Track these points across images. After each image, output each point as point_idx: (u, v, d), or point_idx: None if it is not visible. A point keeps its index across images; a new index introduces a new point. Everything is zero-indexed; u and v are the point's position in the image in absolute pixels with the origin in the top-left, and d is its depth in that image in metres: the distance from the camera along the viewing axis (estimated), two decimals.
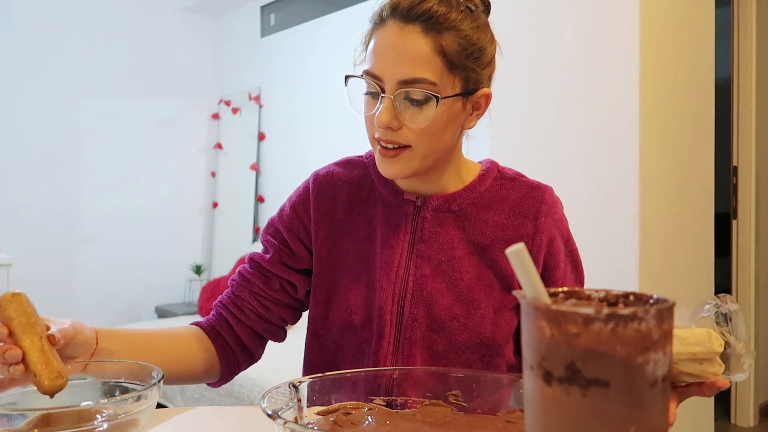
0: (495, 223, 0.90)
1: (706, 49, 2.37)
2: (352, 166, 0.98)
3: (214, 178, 4.76)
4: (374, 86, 0.83)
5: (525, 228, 0.90)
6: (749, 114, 2.94)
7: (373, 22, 0.85)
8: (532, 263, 0.42)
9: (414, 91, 0.80)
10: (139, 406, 0.62)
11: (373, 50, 0.83)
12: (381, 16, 0.84)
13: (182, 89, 4.62)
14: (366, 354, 0.89)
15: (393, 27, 0.81)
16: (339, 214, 0.95)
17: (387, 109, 0.81)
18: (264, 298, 0.96)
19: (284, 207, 0.99)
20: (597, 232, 2.08)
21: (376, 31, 0.84)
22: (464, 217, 0.91)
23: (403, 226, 0.91)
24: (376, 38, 0.83)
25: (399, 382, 0.71)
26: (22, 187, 3.91)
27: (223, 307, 0.97)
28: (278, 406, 0.58)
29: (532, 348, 0.39)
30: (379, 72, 0.81)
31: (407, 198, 0.92)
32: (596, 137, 2.09)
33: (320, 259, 0.94)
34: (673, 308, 0.38)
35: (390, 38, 0.81)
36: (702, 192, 2.37)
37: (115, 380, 0.72)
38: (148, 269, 4.37)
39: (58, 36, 4.04)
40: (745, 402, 2.99)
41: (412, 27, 0.80)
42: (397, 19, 0.81)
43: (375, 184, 0.95)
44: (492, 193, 0.92)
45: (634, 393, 0.36)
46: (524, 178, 0.95)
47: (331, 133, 3.81)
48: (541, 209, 0.90)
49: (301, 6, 4.12)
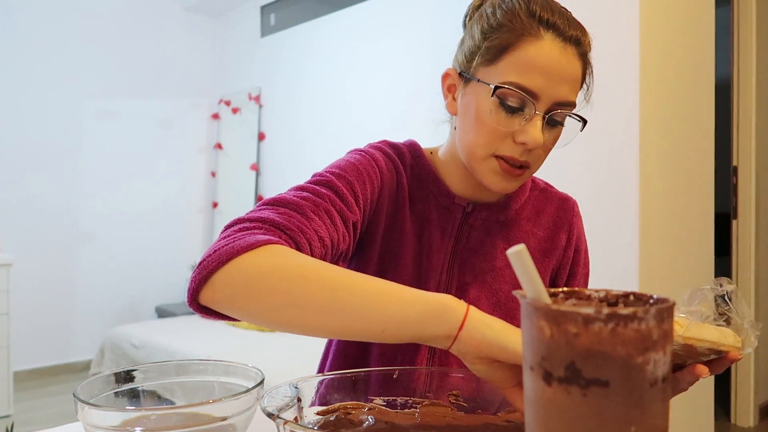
0: (536, 235, 0.92)
1: (706, 49, 2.37)
2: (400, 154, 0.91)
3: (214, 178, 4.76)
4: (520, 101, 0.77)
5: (560, 240, 0.93)
6: (749, 114, 2.94)
7: (512, 29, 0.77)
8: (532, 264, 0.42)
9: (563, 113, 0.79)
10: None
11: (529, 64, 0.76)
12: (531, 26, 0.77)
13: (182, 89, 4.62)
14: (398, 354, 0.86)
15: (554, 44, 0.76)
16: (393, 206, 0.88)
17: (541, 128, 0.77)
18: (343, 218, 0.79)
19: (357, 170, 0.82)
20: (597, 232, 2.08)
21: (525, 40, 0.76)
22: (510, 227, 0.91)
23: (450, 230, 0.89)
24: (530, 51, 0.76)
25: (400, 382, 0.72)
26: (22, 187, 3.91)
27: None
28: (278, 406, 0.58)
29: (532, 348, 0.39)
30: (538, 89, 0.76)
31: (458, 203, 0.89)
32: (596, 137, 2.10)
33: (372, 242, 0.86)
34: (673, 308, 0.38)
35: (554, 56, 0.76)
36: (702, 192, 2.37)
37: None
38: (148, 269, 4.37)
39: (58, 36, 4.04)
40: (745, 402, 2.99)
41: (571, 48, 0.78)
42: (556, 35, 0.77)
43: (424, 179, 0.90)
44: (531, 205, 0.94)
45: (634, 393, 0.36)
46: (554, 190, 0.97)
47: (332, 132, 3.81)
48: (574, 222, 0.95)
49: (301, 6, 4.12)
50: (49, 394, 3.68)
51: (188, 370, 0.72)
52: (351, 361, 0.89)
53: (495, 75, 0.77)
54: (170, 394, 0.72)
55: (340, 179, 0.79)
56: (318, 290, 0.61)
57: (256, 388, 0.63)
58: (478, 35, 0.81)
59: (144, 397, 0.70)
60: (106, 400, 0.67)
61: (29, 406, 3.46)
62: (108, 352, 3.60)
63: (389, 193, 0.86)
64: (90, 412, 0.59)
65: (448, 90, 0.86)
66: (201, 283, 0.64)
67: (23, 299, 3.76)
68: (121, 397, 0.69)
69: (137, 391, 0.69)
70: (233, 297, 0.63)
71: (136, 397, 0.69)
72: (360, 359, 0.88)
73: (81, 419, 0.60)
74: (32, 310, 3.90)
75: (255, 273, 0.62)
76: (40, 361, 3.99)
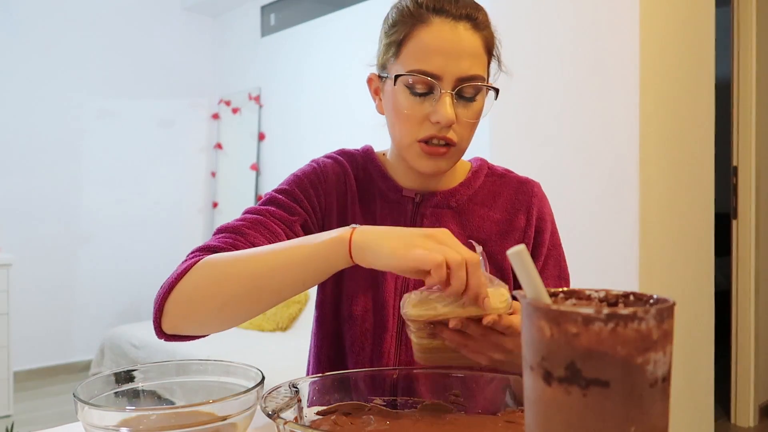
0: (491, 218, 0.93)
1: (706, 49, 2.37)
2: (351, 159, 0.98)
3: (214, 178, 4.76)
4: (426, 85, 0.82)
5: (518, 222, 0.94)
6: (749, 114, 2.94)
7: (406, 22, 0.84)
8: (532, 264, 0.42)
9: (471, 87, 0.82)
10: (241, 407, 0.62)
11: (424, 49, 0.82)
12: (420, 15, 0.83)
13: (182, 89, 4.62)
14: (366, 345, 0.90)
15: (444, 25, 0.81)
16: (341, 204, 0.94)
17: (450, 105, 0.81)
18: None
19: (298, 179, 0.92)
20: (597, 232, 2.08)
21: (417, 29, 0.82)
22: (462, 213, 0.93)
23: (402, 221, 0.92)
24: (422, 37, 0.82)
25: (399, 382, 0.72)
26: (23, 187, 3.91)
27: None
28: (278, 406, 0.58)
29: (532, 348, 0.39)
30: (437, 70, 0.81)
31: (406, 195, 0.93)
32: (596, 137, 2.10)
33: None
34: (674, 308, 0.38)
35: (444, 36, 0.81)
36: (702, 192, 2.37)
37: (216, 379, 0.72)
38: (148, 269, 4.37)
39: (58, 36, 4.04)
40: (745, 402, 2.99)
41: (463, 25, 0.82)
42: (445, 17, 0.82)
43: (374, 178, 0.95)
44: (486, 190, 0.95)
45: (634, 393, 0.36)
46: (513, 174, 0.99)
47: (331, 132, 3.81)
48: (533, 202, 0.95)
49: (301, 6, 4.12)
50: (49, 394, 3.68)
51: (188, 370, 0.72)
52: (327, 357, 0.94)
53: (400, 67, 0.84)
54: (170, 394, 0.72)
55: (281, 192, 0.90)
56: (242, 280, 0.72)
57: (256, 388, 0.63)
58: (382, 36, 0.89)
59: (144, 397, 0.70)
60: (106, 400, 0.67)
61: (29, 406, 3.46)
62: (108, 352, 3.60)
63: (337, 194, 0.93)
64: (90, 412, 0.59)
65: (375, 93, 0.94)
66: (158, 315, 0.76)
67: (23, 299, 3.76)
68: (121, 397, 0.69)
69: (137, 391, 0.69)
70: (185, 315, 0.75)
71: (136, 397, 0.69)
72: (336, 349, 0.93)
73: (81, 419, 0.60)
74: (32, 310, 3.90)
75: (192, 289, 0.74)
76: (40, 361, 3.99)
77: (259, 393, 0.63)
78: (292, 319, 3.52)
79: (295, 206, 0.89)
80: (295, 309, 3.56)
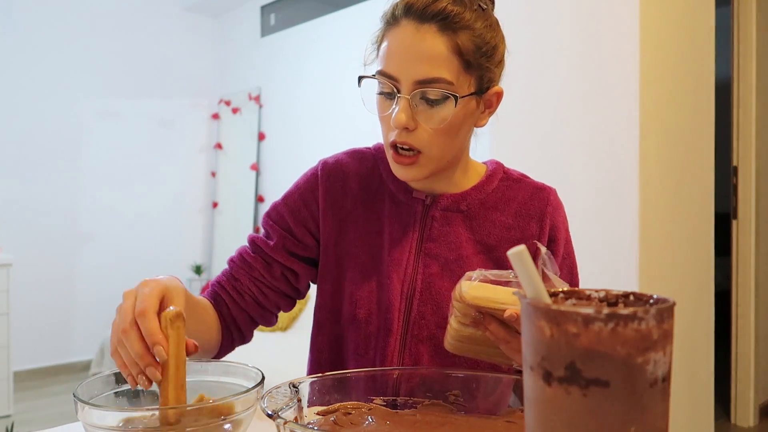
0: (502, 223, 0.91)
1: (706, 49, 2.37)
2: (361, 158, 0.97)
3: (214, 178, 4.76)
4: (389, 87, 0.81)
5: (530, 229, 0.91)
6: (749, 114, 2.94)
7: (385, 22, 0.84)
8: (533, 264, 0.42)
9: (431, 90, 0.79)
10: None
11: (387, 50, 0.81)
12: (394, 16, 0.82)
13: (182, 89, 4.62)
14: (370, 349, 0.89)
15: (408, 27, 0.80)
16: (347, 205, 0.93)
17: (404, 109, 0.80)
18: (264, 285, 0.94)
19: (290, 193, 0.97)
20: (597, 232, 2.08)
21: (389, 30, 0.83)
22: (472, 217, 0.91)
23: (412, 224, 0.91)
24: (389, 38, 0.82)
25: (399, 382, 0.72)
26: (23, 187, 3.91)
27: (221, 288, 0.94)
28: (278, 406, 0.58)
29: (532, 348, 0.39)
30: (395, 72, 0.80)
31: (416, 197, 0.92)
32: (596, 137, 2.09)
33: (327, 249, 0.93)
34: (674, 308, 0.38)
35: (405, 38, 0.80)
36: (702, 192, 2.37)
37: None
38: (148, 269, 4.36)
39: (58, 36, 4.04)
40: (745, 402, 2.99)
41: (428, 26, 0.79)
42: (412, 18, 0.80)
43: (384, 179, 0.94)
44: (499, 194, 0.93)
45: (634, 393, 0.36)
46: (529, 180, 0.96)
47: (331, 132, 3.81)
48: (547, 211, 0.92)
49: (301, 6, 4.12)
50: (49, 394, 3.68)
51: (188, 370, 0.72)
52: (328, 362, 0.94)
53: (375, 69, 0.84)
54: None
55: (266, 225, 0.97)
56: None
57: (256, 388, 0.63)
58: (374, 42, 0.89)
59: (144, 397, 0.70)
60: (106, 400, 0.67)
61: (29, 406, 3.46)
62: (108, 352, 3.60)
63: (332, 204, 0.93)
64: (90, 412, 0.59)
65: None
66: None
67: (23, 299, 3.76)
68: (121, 397, 0.69)
69: (137, 391, 0.68)
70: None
71: (136, 397, 0.69)
72: (337, 353, 0.94)
73: (81, 419, 0.60)
74: (32, 310, 3.90)
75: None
76: (40, 361, 3.99)
77: (259, 393, 0.63)
78: (292, 319, 3.52)
79: (278, 243, 0.93)
80: (295, 309, 3.56)
